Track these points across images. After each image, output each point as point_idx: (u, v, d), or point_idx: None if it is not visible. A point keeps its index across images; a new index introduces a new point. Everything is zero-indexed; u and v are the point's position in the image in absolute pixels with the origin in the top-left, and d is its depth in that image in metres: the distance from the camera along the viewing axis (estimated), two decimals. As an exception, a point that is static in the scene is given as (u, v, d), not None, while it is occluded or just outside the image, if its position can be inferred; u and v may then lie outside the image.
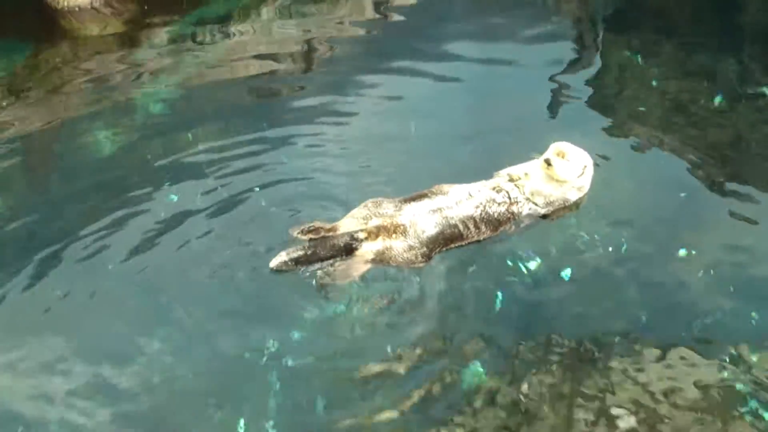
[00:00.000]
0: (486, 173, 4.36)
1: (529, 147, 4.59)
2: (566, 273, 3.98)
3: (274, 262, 3.84)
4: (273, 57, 6.10)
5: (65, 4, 6.61)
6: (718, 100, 5.33)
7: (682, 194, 4.48)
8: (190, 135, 5.09)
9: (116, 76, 5.90)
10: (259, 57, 6.11)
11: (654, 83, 5.59)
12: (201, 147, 4.94)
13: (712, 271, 3.97)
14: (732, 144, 4.96)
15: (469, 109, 5.38)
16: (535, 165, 4.30)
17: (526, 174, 4.27)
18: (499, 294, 3.85)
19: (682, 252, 4.07)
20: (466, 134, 5.04)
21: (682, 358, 3.54)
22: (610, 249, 4.09)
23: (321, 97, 5.49)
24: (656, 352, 3.57)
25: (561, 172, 4.19)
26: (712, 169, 4.66)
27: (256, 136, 5.04)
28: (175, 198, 4.45)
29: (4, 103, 5.57)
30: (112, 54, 6.27)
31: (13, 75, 6.02)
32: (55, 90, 5.78)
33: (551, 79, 5.66)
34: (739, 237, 4.19)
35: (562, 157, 4.18)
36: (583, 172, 4.25)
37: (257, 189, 4.47)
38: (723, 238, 4.19)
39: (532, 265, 4.01)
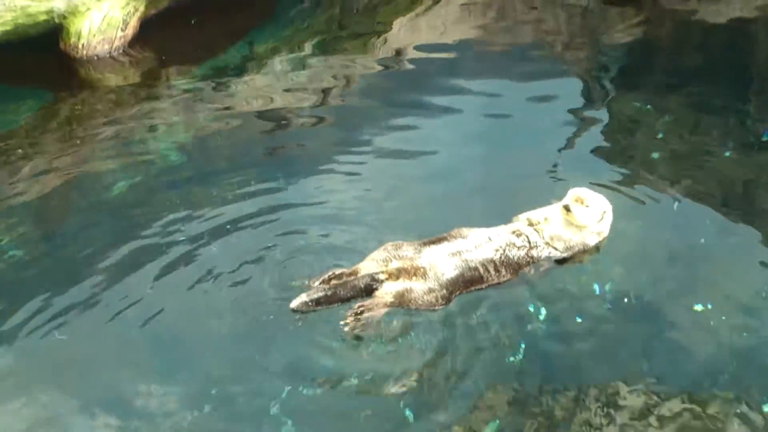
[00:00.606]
0: (498, 219, 4.38)
1: (540, 195, 4.63)
2: (578, 321, 3.97)
3: (294, 303, 3.85)
4: (286, 106, 6.18)
5: (84, 53, 6.74)
6: (728, 149, 5.35)
7: (695, 242, 4.48)
8: (205, 183, 5.13)
9: (133, 125, 5.98)
10: (273, 106, 6.19)
11: (664, 132, 5.62)
12: (216, 194, 4.97)
13: (725, 320, 3.95)
14: (744, 193, 4.97)
15: (480, 157, 5.42)
16: (554, 210, 4.33)
17: (545, 218, 4.30)
18: (510, 344, 3.82)
19: (698, 306, 4.04)
20: (479, 181, 5.10)
21: (698, 409, 3.51)
22: (623, 298, 4.08)
23: (334, 146, 5.55)
24: (671, 404, 3.53)
25: (581, 218, 4.22)
26: (724, 218, 4.67)
27: (271, 185, 5.09)
28: (189, 247, 4.48)
29: (20, 151, 5.65)
30: (129, 102, 6.36)
31: (32, 122, 6.10)
32: (72, 137, 5.85)
33: (561, 128, 5.71)
34: (753, 285, 4.17)
35: (582, 202, 4.21)
36: (602, 218, 4.27)
37: (273, 244, 4.49)
38: (738, 287, 4.18)
39: (543, 312, 4.00)
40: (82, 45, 6.72)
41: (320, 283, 3.99)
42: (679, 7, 7.73)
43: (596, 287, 4.17)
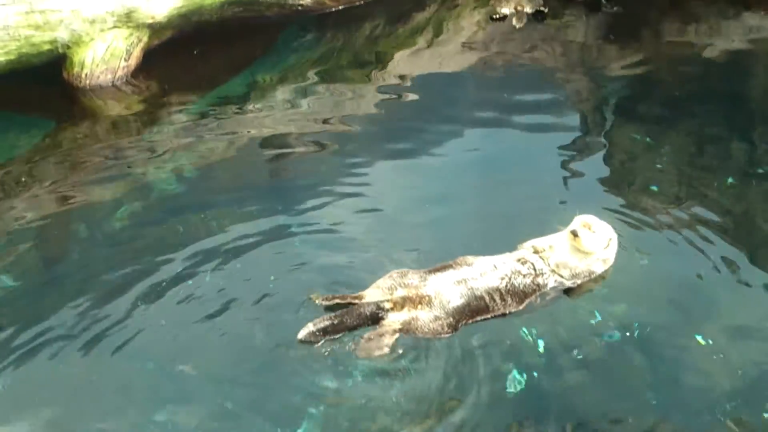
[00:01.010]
0: (498, 247, 4.39)
1: (539, 224, 4.66)
2: (577, 354, 3.95)
3: (302, 333, 3.86)
4: (288, 136, 6.21)
5: (87, 82, 6.78)
6: (729, 180, 5.36)
7: (695, 273, 4.47)
8: (205, 213, 5.12)
9: (134, 153, 5.99)
10: (275, 136, 6.22)
11: (663, 164, 5.65)
12: (216, 225, 4.97)
13: (727, 355, 3.93)
14: (744, 223, 4.98)
15: (479, 185, 5.46)
16: (560, 237, 4.35)
17: (550, 246, 4.32)
18: (509, 375, 3.81)
19: (699, 338, 4.03)
20: (478, 209, 5.13)
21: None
22: (624, 330, 4.07)
23: (335, 174, 5.56)
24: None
25: (587, 244, 4.23)
26: (725, 248, 4.66)
27: (273, 213, 5.10)
28: (190, 275, 4.47)
29: (23, 179, 5.66)
30: (131, 132, 6.39)
31: (34, 150, 6.12)
32: (73, 165, 5.86)
33: (560, 159, 5.74)
34: (755, 317, 4.17)
35: (588, 229, 4.23)
36: (608, 245, 4.29)
37: (274, 271, 4.49)
38: (740, 320, 4.17)
39: (541, 344, 3.99)
40: (86, 75, 6.77)
41: (323, 300, 4.04)
42: (676, 40, 7.81)
43: (595, 319, 4.15)
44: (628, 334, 4.05)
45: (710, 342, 4.01)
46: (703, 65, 7.33)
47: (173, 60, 7.29)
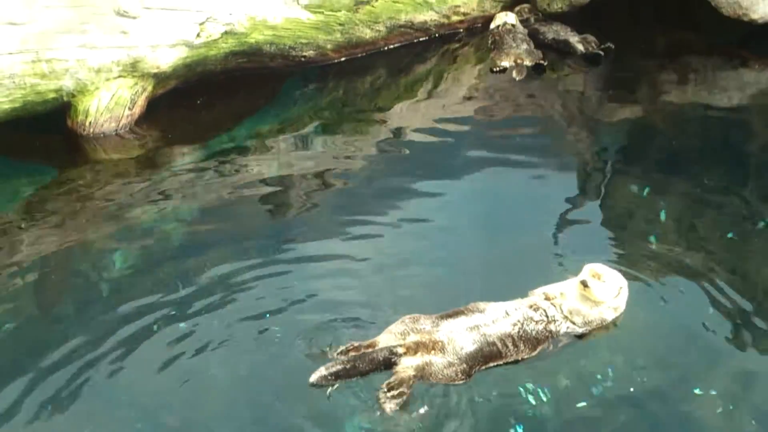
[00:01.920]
0: (499, 296, 4.39)
1: (539, 274, 4.69)
2: (579, 407, 3.92)
3: (313, 377, 3.86)
4: (289, 183, 6.24)
5: (91, 130, 6.85)
6: (727, 233, 5.37)
7: (695, 326, 4.46)
8: (204, 258, 5.14)
9: (135, 201, 6.02)
10: (276, 183, 6.25)
11: (663, 215, 5.66)
12: (215, 271, 4.99)
13: (730, 407, 3.90)
14: (744, 277, 4.97)
15: (481, 236, 5.46)
16: (570, 285, 4.36)
17: (561, 293, 4.33)
18: (507, 422, 3.79)
19: (698, 390, 4.00)
20: (478, 259, 5.15)
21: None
22: (624, 383, 4.05)
23: (335, 225, 5.59)
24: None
25: (598, 293, 4.25)
26: (724, 302, 4.66)
27: (272, 263, 5.11)
28: (184, 326, 4.47)
29: (23, 225, 5.69)
30: (133, 178, 6.43)
31: (36, 197, 6.16)
32: (74, 212, 5.89)
33: (559, 209, 5.76)
34: (757, 370, 4.14)
35: (598, 278, 4.25)
36: (618, 293, 4.30)
37: (268, 316, 4.49)
38: (741, 372, 4.15)
39: (543, 394, 3.96)
40: (90, 123, 6.83)
41: (338, 353, 4.02)
42: (675, 94, 7.90)
43: (596, 371, 4.13)
44: (627, 385, 4.03)
45: (711, 393, 3.98)
46: (701, 118, 7.39)
47: (177, 109, 7.38)
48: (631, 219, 5.71)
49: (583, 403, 3.93)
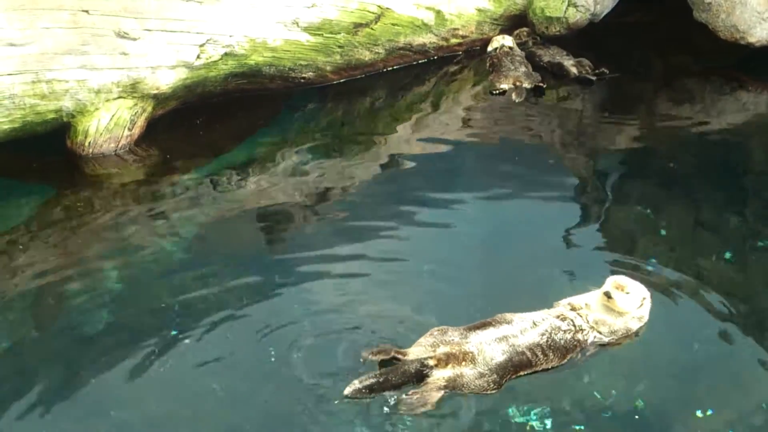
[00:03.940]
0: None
1: (541, 297, 4.66)
2: (578, 430, 3.90)
3: (348, 390, 3.93)
4: (288, 204, 6.25)
5: (90, 151, 6.85)
6: (726, 254, 5.37)
7: (695, 347, 4.46)
8: (203, 278, 5.14)
9: (134, 221, 6.01)
10: (275, 203, 6.26)
11: (663, 237, 5.66)
12: (214, 291, 4.98)
13: (728, 427, 3.89)
14: (744, 297, 4.97)
15: (480, 258, 5.48)
16: (594, 296, 4.45)
17: (587, 304, 4.42)
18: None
19: (699, 413, 3.99)
20: (480, 281, 5.16)
21: None
22: (624, 405, 4.03)
23: (334, 245, 5.57)
24: None
25: (622, 304, 4.35)
26: (724, 323, 4.67)
27: (270, 282, 5.11)
28: (183, 345, 4.45)
29: (22, 244, 5.67)
30: (132, 198, 6.42)
31: (34, 217, 6.14)
32: (73, 232, 5.88)
33: (560, 232, 5.75)
34: (757, 392, 4.13)
35: (622, 289, 4.34)
36: (642, 304, 4.40)
37: (266, 334, 4.48)
38: (742, 393, 4.14)
39: (542, 420, 3.94)
40: (89, 143, 6.84)
41: (371, 354, 4.16)
42: (673, 116, 7.94)
43: (596, 393, 4.11)
44: (627, 407, 4.02)
45: (710, 414, 3.96)
46: (699, 140, 7.42)
47: (176, 130, 7.39)
48: (630, 240, 5.71)
49: (581, 427, 3.91)
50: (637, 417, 3.98)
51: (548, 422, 3.92)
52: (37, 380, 4.17)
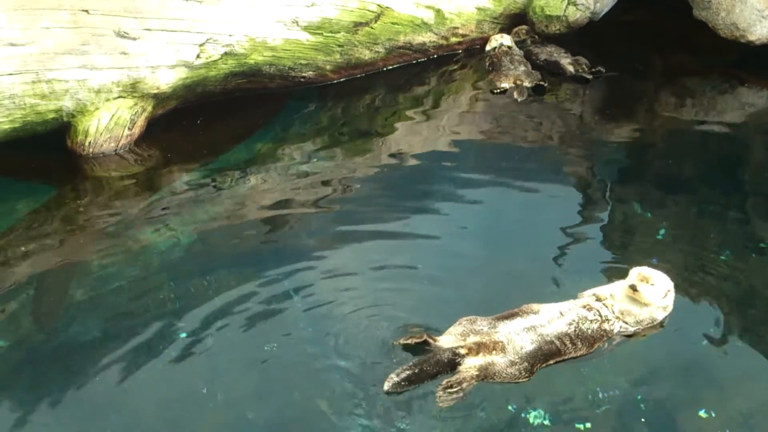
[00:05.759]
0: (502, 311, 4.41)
1: (538, 295, 4.68)
2: (581, 428, 3.90)
3: (387, 385, 4.01)
4: (288, 203, 6.25)
5: (90, 150, 6.86)
6: (726, 253, 5.37)
7: (696, 347, 4.46)
8: (204, 279, 5.15)
9: (134, 220, 6.03)
10: (275, 203, 6.25)
11: (662, 237, 5.66)
12: (213, 290, 4.99)
13: (730, 427, 3.90)
14: (743, 297, 4.97)
15: (479, 255, 5.47)
16: (618, 287, 4.54)
17: (611, 295, 4.49)
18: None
19: (702, 413, 3.99)
20: (480, 278, 5.16)
21: None
22: (627, 405, 4.03)
23: (334, 243, 5.59)
24: None
25: (647, 296, 4.43)
26: (724, 323, 4.67)
27: (272, 281, 5.11)
28: (183, 345, 4.45)
29: (22, 244, 5.68)
30: (132, 197, 6.44)
31: (35, 216, 6.15)
32: (73, 231, 5.89)
33: (559, 230, 5.75)
34: (760, 393, 4.13)
35: (647, 281, 4.42)
36: (666, 295, 4.47)
37: (267, 335, 4.48)
38: (745, 394, 4.14)
39: (545, 417, 3.94)
40: (89, 143, 6.84)
41: (406, 340, 4.30)
42: (673, 114, 7.94)
43: (599, 391, 4.12)
44: (628, 406, 4.02)
45: (713, 414, 3.97)
46: (699, 138, 7.42)
47: (176, 129, 7.39)
48: (630, 238, 5.72)
49: (588, 424, 3.92)
50: (639, 416, 3.99)
51: (549, 420, 3.93)
52: (36, 380, 4.18)
